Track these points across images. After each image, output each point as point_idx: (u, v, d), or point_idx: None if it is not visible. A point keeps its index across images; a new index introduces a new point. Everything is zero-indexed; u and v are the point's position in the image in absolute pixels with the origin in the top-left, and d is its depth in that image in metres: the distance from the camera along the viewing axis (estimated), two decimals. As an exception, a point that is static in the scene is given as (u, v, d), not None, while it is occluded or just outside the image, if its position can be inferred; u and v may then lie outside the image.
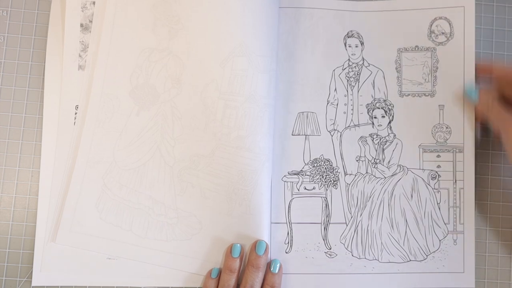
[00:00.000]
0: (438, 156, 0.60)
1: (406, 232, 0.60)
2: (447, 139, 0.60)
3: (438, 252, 0.60)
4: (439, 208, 0.60)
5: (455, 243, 0.60)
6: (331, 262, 0.59)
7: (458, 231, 0.60)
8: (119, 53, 0.58)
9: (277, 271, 0.56)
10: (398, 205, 0.60)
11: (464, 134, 0.60)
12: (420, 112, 0.61)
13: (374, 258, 0.59)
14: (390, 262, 0.59)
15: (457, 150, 0.60)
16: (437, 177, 0.60)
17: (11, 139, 0.59)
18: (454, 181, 0.60)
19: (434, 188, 0.60)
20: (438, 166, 0.60)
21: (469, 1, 0.61)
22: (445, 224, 0.60)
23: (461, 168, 0.60)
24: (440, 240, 0.60)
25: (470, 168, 0.60)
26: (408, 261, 0.59)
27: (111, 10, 0.59)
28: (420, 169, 0.60)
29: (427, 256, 0.60)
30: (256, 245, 0.56)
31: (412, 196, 0.60)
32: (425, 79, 0.61)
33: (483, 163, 0.62)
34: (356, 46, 0.62)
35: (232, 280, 0.55)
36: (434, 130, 0.61)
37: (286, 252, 0.59)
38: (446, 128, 0.60)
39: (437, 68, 0.61)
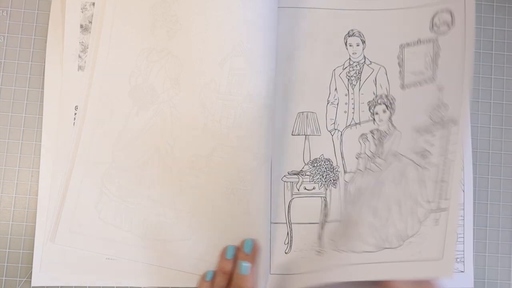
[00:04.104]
0: (433, 135, 0.54)
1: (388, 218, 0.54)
2: (443, 117, 0.55)
3: (416, 236, 0.51)
4: (426, 187, 0.52)
5: (436, 223, 0.50)
6: (329, 260, 0.56)
7: (442, 209, 0.51)
8: (118, 53, 0.56)
9: (246, 272, 0.52)
10: (387, 193, 0.55)
11: (461, 107, 0.53)
12: (420, 98, 0.57)
13: (365, 251, 0.54)
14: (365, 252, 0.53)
15: (452, 125, 0.53)
16: (429, 155, 0.53)
17: (11, 139, 0.57)
18: (445, 156, 0.52)
19: (424, 167, 0.54)
20: (432, 145, 0.54)
21: None
22: (429, 202, 0.52)
23: (454, 141, 0.52)
24: (420, 222, 0.51)
25: (466, 138, 0.57)
26: (382, 250, 0.52)
27: (110, 11, 0.56)
28: (414, 152, 0.55)
29: (403, 242, 0.51)
30: (243, 243, 0.53)
31: (401, 181, 0.54)
32: (427, 68, 0.58)
33: (482, 163, 0.60)
34: (358, 45, 0.59)
35: (224, 281, 0.53)
36: (433, 112, 0.56)
37: (285, 253, 0.57)
38: (444, 107, 0.55)
39: (439, 55, 0.57)
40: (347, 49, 0.59)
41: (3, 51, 0.57)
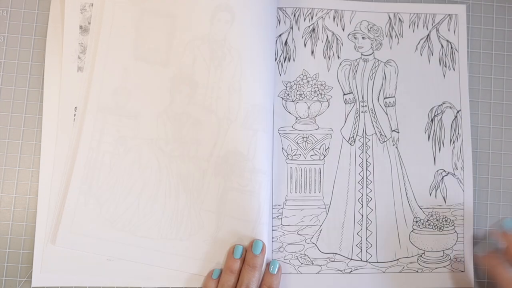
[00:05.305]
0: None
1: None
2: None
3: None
4: None
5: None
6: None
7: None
8: (117, 54, 0.55)
9: (275, 272, 0.53)
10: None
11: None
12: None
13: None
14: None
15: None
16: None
17: (11, 139, 0.56)
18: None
19: None
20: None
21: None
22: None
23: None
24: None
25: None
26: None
27: (109, 12, 0.55)
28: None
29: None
30: (252, 244, 0.53)
31: None
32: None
33: (482, 163, 0.59)
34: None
35: (231, 280, 0.52)
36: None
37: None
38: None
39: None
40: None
41: (3, 51, 0.57)
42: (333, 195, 0.57)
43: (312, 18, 0.59)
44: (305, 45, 0.59)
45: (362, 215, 0.57)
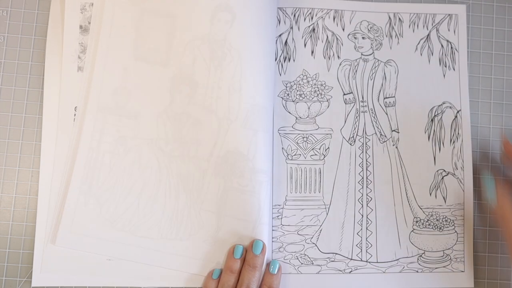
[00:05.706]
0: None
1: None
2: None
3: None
4: None
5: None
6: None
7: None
8: (118, 54, 0.55)
9: (275, 272, 0.53)
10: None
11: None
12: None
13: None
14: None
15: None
16: None
17: (11, 139, 0.56)
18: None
19: None
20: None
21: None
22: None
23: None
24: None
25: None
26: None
27: (109, 11, 0.55)
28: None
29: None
30: (253, 244, 0.53)
31: None
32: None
33: (482, 163, 0.59)
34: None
35: (231, 280, 0.52)
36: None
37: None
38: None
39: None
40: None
41: (3, 51, 0.57)
42: (333, 195, 0.57)
43: (312, 18, 0.59)
44: (305, 45, 0.59)
45: (362, 215, 0.57)
